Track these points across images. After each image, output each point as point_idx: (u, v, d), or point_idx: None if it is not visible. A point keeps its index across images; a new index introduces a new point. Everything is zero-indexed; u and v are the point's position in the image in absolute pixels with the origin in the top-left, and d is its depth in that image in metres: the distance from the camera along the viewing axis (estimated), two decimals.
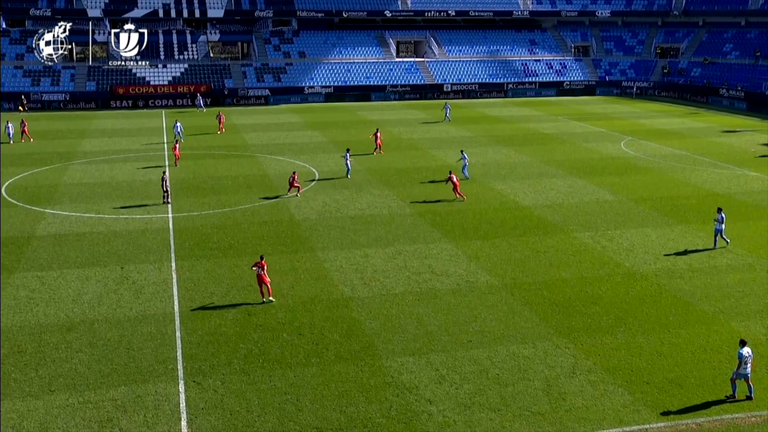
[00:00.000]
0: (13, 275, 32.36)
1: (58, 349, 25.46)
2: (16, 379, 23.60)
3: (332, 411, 21.47)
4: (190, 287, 30.70)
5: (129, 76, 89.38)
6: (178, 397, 22.38)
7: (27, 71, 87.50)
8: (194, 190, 46.44)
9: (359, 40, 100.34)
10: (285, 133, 67.66)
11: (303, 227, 38.84)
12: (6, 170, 52.29)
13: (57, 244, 36.38)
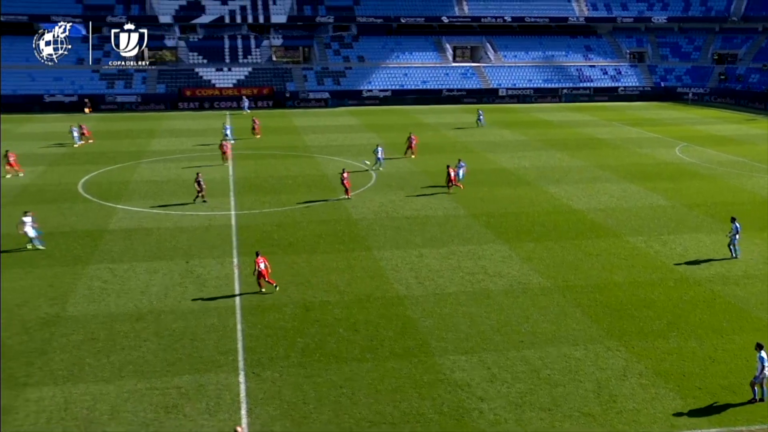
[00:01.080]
0: (87, 267, 33.20)
1: (128, 338, 26.08)
2: (90, 364, 24.25)
3: (386, 405, 21.61)
4: (251, 282, 31.08)
5: (196, 79, 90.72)
6: (238, 387, 22.75)
7: (103, 75, 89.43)
8: (256, 188, 47.00)
9: (417, 45, 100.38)
10: (343, 135, 68.02)
11: (360, 226, 39.05)
12: (82, 168, 53.57)
13: (127, 238, 37.17)
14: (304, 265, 33.07)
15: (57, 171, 52.89)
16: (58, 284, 31.17)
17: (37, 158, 57.64)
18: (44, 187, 47.95)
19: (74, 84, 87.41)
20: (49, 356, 24.91)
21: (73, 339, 26.10)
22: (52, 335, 26.46)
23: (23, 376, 23.59)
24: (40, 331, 26.77)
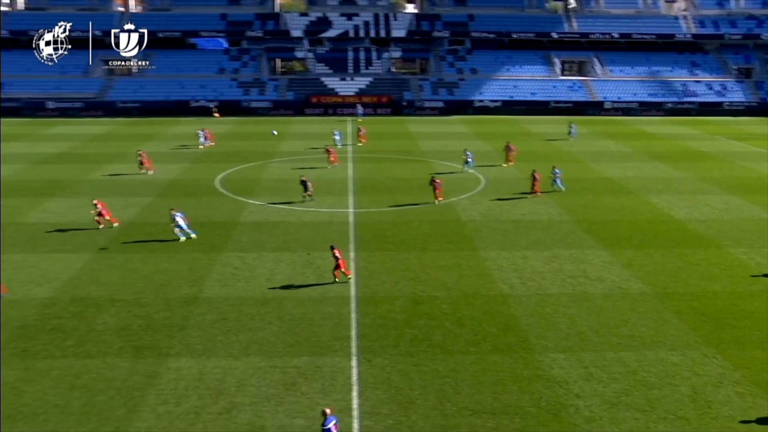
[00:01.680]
0: (221, 254, 34.39)
1: (254, 320, 26.89)
2: (221, 341, 25.15)
3: (487, 396, 21.57)
4: (366, 275, 31.51)
5: (321, 87, 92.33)
6: (350, 370, 23.12)
7: (241, 83, 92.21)
8: (373, 189, 47.51)
9: (527, 58, 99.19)
10: (455, 141, 67.89)
11: (468, 228, 38.98)
12: (219, 166, 55.35)
13: (256, 230, 38.25)
14: (415, 262, 33.28)
15: (198, 168, 54.87)
16: (197, 268, 32.42)
17: (181, 156, 59.93)
18: (187, 183, 49.84)
19: (215, 91, 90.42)
20: (187, 331, 25.98)
21: (207, 318, 27.13)
22: (190, 313, 27.57)
23: (165, 347, 24.73)
24: (180, 309, 27.95)
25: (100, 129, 77.06)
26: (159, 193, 46.69)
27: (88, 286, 30.66)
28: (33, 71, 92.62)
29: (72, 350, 24.82)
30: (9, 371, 23.53)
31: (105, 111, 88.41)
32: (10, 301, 29.14)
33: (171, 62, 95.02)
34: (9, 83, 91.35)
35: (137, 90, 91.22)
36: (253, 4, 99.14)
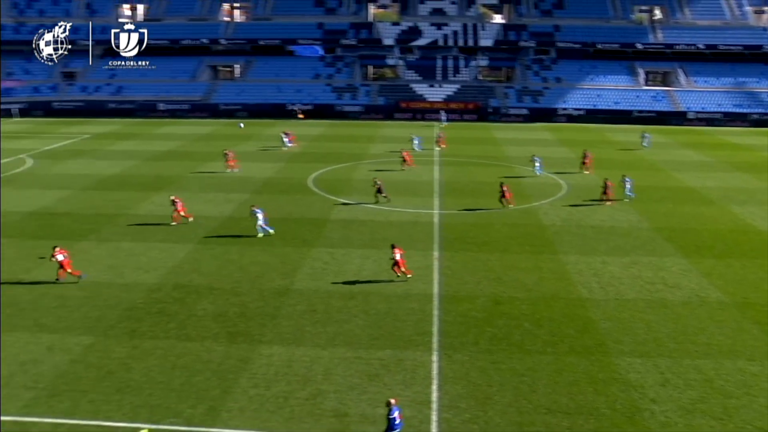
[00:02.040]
0: (312, 249, 34.91)
1: (341, 312, 27.21)
2: (309, 332, 25.56)
3: (562, 396, 21.29)
4: (448, 274, 31.47)
5: (411, 93, 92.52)
6: (431, 365, 23.16)
7: (335, 88, 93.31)
8: (458, 192, 47.34)
9: (611, 68, 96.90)
10: (539, 148, 66.88)
11: (549, 232, 38.45)
12: (312, 165, 56.15)
13: (345, 228, 38.67)
14: (497, 263, 33.05)
15: (292, 168, 55.79)
16: (289, 262, 33.02)
17: (276, 156, 61.05)
18: (281, 181, 50.76)
19: (311, 95, 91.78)
20: (278, 321, 26.50)
21: (297, 309, 27.61)
22: (282, 304, 28.11)
23: (258, 335, 25.31)
24: (272, 299, 28.53)
25: (204, 129, 79.24)
26: (255, 190, 47.72)
27: (190, 274, 31.64)
28: (147, 76, 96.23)
29: (174, 333, 25.69)
30: (120, 348, 24.55)
31: (209, 113, 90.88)
32: (121, 285, 30.34)
33: (270, 68, 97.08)
34: (127, 87, 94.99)
35: (239, 93, 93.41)
36: (348, 14, 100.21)
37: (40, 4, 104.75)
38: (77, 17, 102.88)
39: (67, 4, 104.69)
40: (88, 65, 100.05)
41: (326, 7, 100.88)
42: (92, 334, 25.69)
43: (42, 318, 27.20)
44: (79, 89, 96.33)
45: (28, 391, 21.85)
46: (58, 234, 37.99)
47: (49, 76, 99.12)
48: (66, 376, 22.74)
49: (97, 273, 31.93)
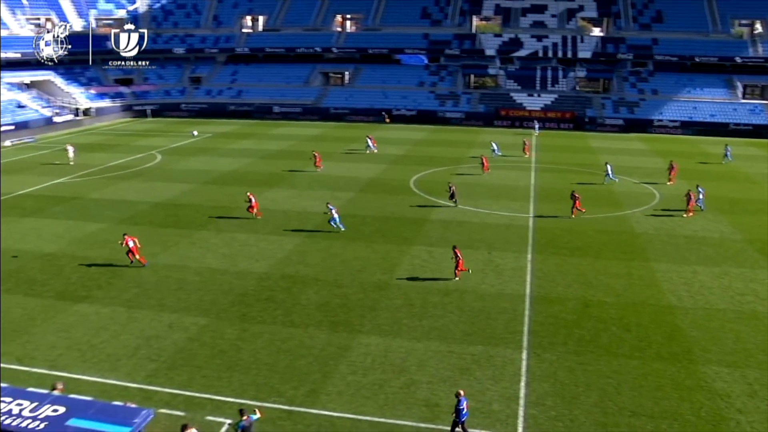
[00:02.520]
0: (411, 247, 34.93)
1: (437, 308, 27.10)
2: (406, 325, 25.58)
3: (647, 400, 20.53)
4: (541, 276, 30.87)
5: (510, 102, 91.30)
6: (520, 362, 22.78)
7: (437, 95, 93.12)
8: (553, 197, 46.28)
9: (708, 81, 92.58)
10: (633, 157, 64.81)
11: (641, 240, 37.11)
12: (414, 168, 56.13)
13: (444, 228, 38.49)
14: (588, 268, 32.18)
15: (396, 169, 55.95)
16: (389, 258, 33.15)
17: (381, 158, 61.37)
18: (385, 181, 51.00)
19: (415, 102, 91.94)
20: (377, 313, 26.64)
21: (395, 302, 27.67)
22: (381, 297, 28.25)
23: (358, 325, 25.52)
24: (372, 292, 28.71)
25: (314, 131, 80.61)
26: (361, 189, 48.16)
27: (297, 265, 32.23)
28: (264, 81, 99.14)
29: (280, 319, 26.22)
30: (231, 330, 25.27)
31: (320, 116, 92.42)
32: (235, 272, 31.21)
33: (377, 75, 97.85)
34: (246, 90, 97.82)
35: (347, 98, 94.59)
36: (452, 25, 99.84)
37: (174, 18, 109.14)
38: (205, 28, 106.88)
39: (198, 17, 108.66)
40: (213, 71, 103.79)
41: (432, 19, 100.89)
42: (207, 316, 26.55)
43: (164, 299, 28.32)
44: (203, 92, 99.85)
45: (151, 363, 22.80)
46: (181, 223, 39.47)
47: (179, 80, 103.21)
48: (183, 352, 23.59)
49: (214, 260, 32.99)
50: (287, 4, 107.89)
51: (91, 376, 21.88)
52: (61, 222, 40.12)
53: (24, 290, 29.61)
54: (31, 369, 22.54)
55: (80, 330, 25.53)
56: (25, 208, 43.88)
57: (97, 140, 74.90)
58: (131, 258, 32.30)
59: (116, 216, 41.31)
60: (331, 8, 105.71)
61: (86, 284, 30.12)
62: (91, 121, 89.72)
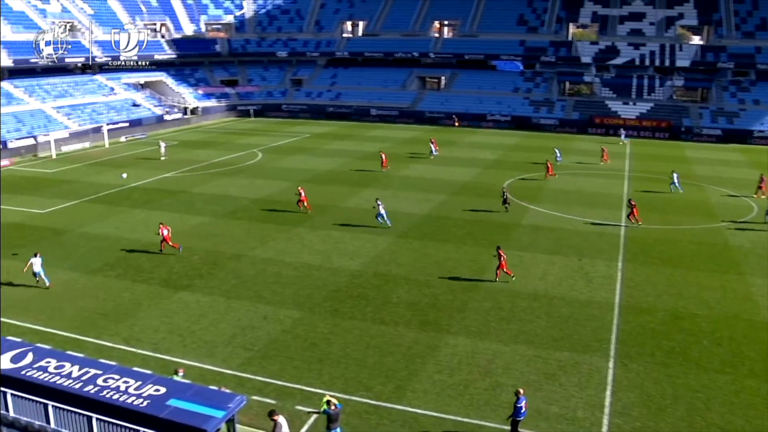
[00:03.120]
0: (505, 252, 34.48)
1: (525, 312, 26.78)
2: (494, 327, 25.38)
3: (738, 417, 19.65)
4: (631, 285, 30.00)
5: (605, 110, 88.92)
6: (606, 371, 22.24)
7: (532, 101, 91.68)
8: (645, 206, 44.64)
9: None
10: (730, 168, 61.92)
11: (736, 253, 35.44)
12: (507, 173, 55.42)
13: (534, 233, 37.93)
14: (679, 279, 31.02)
15: (489, 174, 55.43)
16: (479, 260, 32.95)
17: (475, 162, 61.00)
18: (478, 185, 50.63)
19: (510, 107, 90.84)
20: (465, 314, 26.55)
21: (483, 305, 27.50)
22: (469, 299, 28.13)
23: (446, 325, 25.52)
24: (461, 294, 28.64)
25: (409, 134, 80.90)
26: (454, 192, 48.01)
27: (389, 264, 32.48)
28: (363, 84, 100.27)
29: (371, 316, 26.50)
30: (323, 324, 25.74)
31: (415, 119, 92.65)
32: (329, 268, 31.75)
33: (473, 80, 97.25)
34: (345, 93, 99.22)
35: (443, 102, 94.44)
36: (548, 32, 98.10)
37: (278, 22, 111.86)
38: (307, 32, 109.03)
39: (300, 22, 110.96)
40: (314, 73, 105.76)
41: (528, 26, 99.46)
42: (301, 310, 27.13)
43: (261, 291, 29.12)
44: (304, 94, 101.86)
45: (246, 352, 23.50)
46: (279, 219, 40.46)
47: (281, 82, 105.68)
48: (277, 342, 24.20)
49: (309, 256, 33.67)
50: (387, 10, 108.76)
51: (190, 361, 22.76)
52: (168, 214, 41.83)
53: (132, 276, 31.11)
54: (136, 350, 23.68)
55: (182, 316, 26.61)
56: (135, 199, 46.04)
57: (203, 138, 77.67)
58: (162, 246, 34.16)
59: (218, 210, 42.75)
60: (429, 14, 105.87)
61: (189, 273, 31.34)
62: (197, 120, 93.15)
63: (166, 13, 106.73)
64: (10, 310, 27.36)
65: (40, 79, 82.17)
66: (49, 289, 29.55)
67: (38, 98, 78.12)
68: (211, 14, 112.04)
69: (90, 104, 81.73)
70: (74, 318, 26.58)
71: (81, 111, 79.20)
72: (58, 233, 37.90)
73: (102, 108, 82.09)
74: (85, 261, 33.42)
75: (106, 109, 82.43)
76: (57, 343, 23.68)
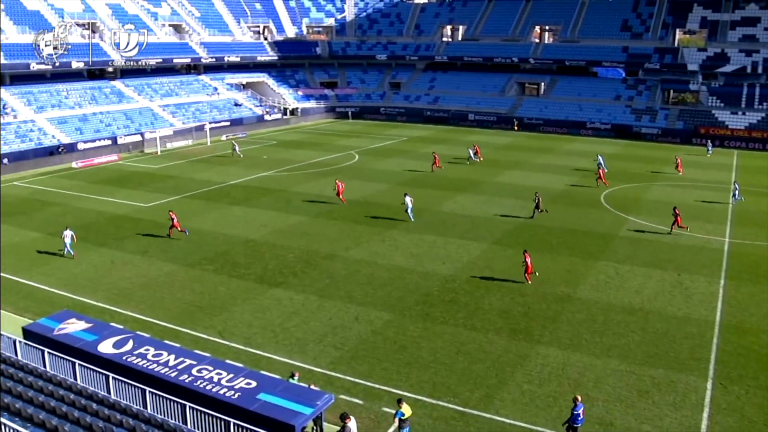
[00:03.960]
0: (597, 262, 33.89)
1: (619, 326, 26.15)
2: (586, 340, 24.97)
3: None
4: (733, 304, 28.76)
5: (711, 119, 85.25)
6: (704, 392, 21.47)
7: (634, 110, 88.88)
8: (753, 222, 42.69)
9: None
10: None
11: None
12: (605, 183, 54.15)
13: (632, 245, 36.89)
14: None
15: (585, 182, 54.15)
16: (573, 271, 32.39)
17: (570, 171, 59.82)
18: (575, 194, 49.54)
19: (610, 115, 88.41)
20: (557, 325, 26.19)
21: (577, 316, 27.03)
22: (562, 309, 27.72)
23: (537, 335, 25.27)
24: (554, 304, 28.25)
25: (506, 140, 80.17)
26: (550, 200, 46.99)
27: (482, 270, 32.39)
28: (461, 89, 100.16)
29: (462, 321, 26.53)
30: (414, 327, 25.97)
31: (513, 125, 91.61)
32: (421, 272, 31.97)
33: (573, 87, 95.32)
34: (443, 97, 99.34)
35: (542, 109, 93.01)
36: (653, 39, 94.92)
37: (379, 26, 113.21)
38: (407, 36, 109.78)
39: (401, 25, 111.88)
40: (412, 77, 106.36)
41: (632, 32, 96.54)
42: (392, 312, 27.44)
43: (353, 291, 29.64)
44: (402, 98, 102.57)
45: (336, 351, 24.00)
46: (373, 221, 41.01)
47: (379, 85, 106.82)
48: (366, 343, 24.58)
49: (402, 259, 33.98)
50: (487, 14, 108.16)
51: (281, 357, 23.45)
52: (266, 212, 43.14)
53: (228, 271, 32.27)
54: (229, 343, 24.58)
55: (274, 313, 27.42)
56: (235, 197, 47.68)
57: (301, 138, 79.52)
58: (170, 232, 37.21)
59: (315, 210, 43.72)
60: (529, 19, 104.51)
61: (283, 271, 32.24)
62: (296, 120, 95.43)
63: (270, 16, 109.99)
64: (114, 298, 28.98)
65: (149, 78, 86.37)
66: (74, 259, 33.79)
67: (146, 97, 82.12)
68: (312, 17, 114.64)
69: (194, 103, 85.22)
70: (172, 309, 27.84)
71: (185, 109, 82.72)
72: (160, 227, 39.72)
73: (205, 107, 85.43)
74: (185, 254, 34.92)
75: (209, 108, 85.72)
76: (155, 332, 24.90)
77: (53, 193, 49.61)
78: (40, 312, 26.62)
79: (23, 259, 34.23)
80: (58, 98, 73.13)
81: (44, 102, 71.42)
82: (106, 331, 21.09)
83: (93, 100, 75.75)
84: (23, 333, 21.48)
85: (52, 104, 71.65)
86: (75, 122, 70.24)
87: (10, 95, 69.50)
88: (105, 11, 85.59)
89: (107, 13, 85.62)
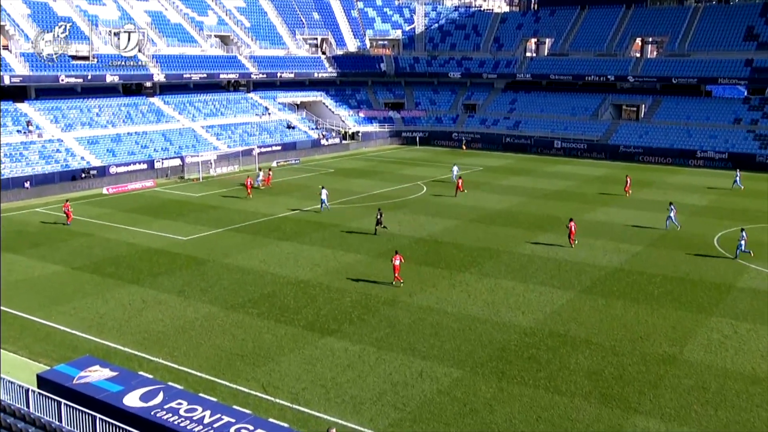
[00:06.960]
0: (710, 317, 32.56)
1: (739, 398, 24.82)
2: (696, 411, 23.79)
3: None
4: None
5: None
6: None
7: (757, 135, 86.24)
8: None
9: None
10: None
11: None
12: (720, 222, 52.26)
13: (754, 298, 35.35)
14: None
15: (697, 222, 52.61)
16: (680, 327, 31.22)
17: (681, 207, 58.28)
18: (684, 235, 48.10)
19: (727, 142, 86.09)
20: (660, 391, 25.14)
21: (684, 382, 25.91)
22: (666, 373, 26.64)
23: (635, 403, 24.29)
24: (656, 366, 27.19)
25: (598, 171, 78.95)
26: (651, 242, 45.99)
27: (568, 323, 31.55)
28: (546, 111, 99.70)
29: (543, 383, 25.76)
30: (486, 387, 25.35)
31: (606, 154, 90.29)
32: (496, 323, 31.36)
33: (680, 109, 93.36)
34: (525, 121, 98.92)
35: (642, 135, 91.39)
36: None
37: (452, 39, 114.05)
38: (484, 51, 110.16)
39: (477, 39, 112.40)
40: (489, 98, 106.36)
41: (759, 41, 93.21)
42: (461, 368, 26.88)
43: (417, 343, 29.21)
44: (477, 121, 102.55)
45: (396, 412, 23.57)
46: (442, 263, 40.66)
47: (452, 107, 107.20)
48: (431, 404, 24.06)
49: (475, 307, 33.44)
50: (578, 25, 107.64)
51: (332, 416, 23.12)
52: (318, 249, 43.26)
53: (276, 316, 32.30)
54: (274, 399, 24.41)
55: (326, 365, 27.18)
56: (285, 231, 48.08)
57: (362, 166, 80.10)
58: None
59: (374, 248, 43.63)
60: (628, 30, 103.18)
61: (337, 317, 32.07)
62: (356, 146, 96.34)
63: (328, 27, 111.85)
64: (144, 343, 29.25)
65: (191, 95, 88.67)
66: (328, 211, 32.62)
67: (188, 116, 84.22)
68: (377, 29, 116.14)
69: (241, 124, 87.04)
70: (210, 357, 27.92)
71: (231, 131, 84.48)
72: (200, 263, 40.20)
73: (254, 129, 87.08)
74: (226, 295, 35.17)
75: (259, 130, 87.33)
76: (190, 383, 24.93)
77: (80, 222, 50.97)
78: (57, 357, 27.05)
79: (42, 296, 35.04)
80: (89, 115, 75.72)
81: (73, 119, 73.99)
82: (133, 381, 21.17)
83: (128, 119, 78.19)
84: (37, 381, 21.74)
85: (81, 122, 74.21)
86: (107, 143, 72.52)
87: (34, 110, 72.19)
88: (143, 18, 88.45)
89: (146, 21, 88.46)
